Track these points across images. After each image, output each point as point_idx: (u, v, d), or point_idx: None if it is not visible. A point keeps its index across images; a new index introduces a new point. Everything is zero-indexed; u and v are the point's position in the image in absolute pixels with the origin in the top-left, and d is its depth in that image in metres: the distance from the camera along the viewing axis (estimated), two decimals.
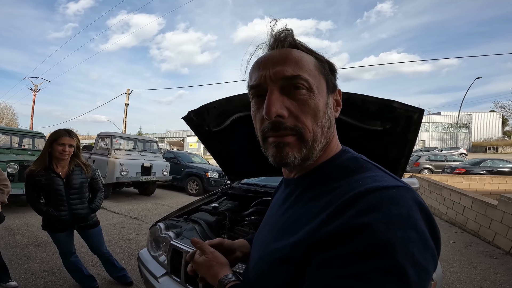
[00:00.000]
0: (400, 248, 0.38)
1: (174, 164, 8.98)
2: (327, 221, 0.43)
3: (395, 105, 1.27)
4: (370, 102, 1.30)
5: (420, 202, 0.43)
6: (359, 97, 1.30)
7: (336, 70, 0.58)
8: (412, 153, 1.70)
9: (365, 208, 0.41)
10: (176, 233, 1.77)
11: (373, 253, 0.38)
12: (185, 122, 1.97)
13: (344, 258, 0.39)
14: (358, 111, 1.36)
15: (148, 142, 8.36)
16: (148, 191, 7.89)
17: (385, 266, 0.37)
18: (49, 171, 2.08)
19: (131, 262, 3.15)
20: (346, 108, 1.34)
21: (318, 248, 0.43)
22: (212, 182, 8.30)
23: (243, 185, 2.87)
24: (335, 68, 0.58)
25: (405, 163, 1.67)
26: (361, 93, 1.33)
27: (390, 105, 1.28)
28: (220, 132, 1.92)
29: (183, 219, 1.97)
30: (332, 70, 0.57)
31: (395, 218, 0.39)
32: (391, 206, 0.41)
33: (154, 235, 1.93)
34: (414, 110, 1.29)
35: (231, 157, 2.31)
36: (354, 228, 0.40)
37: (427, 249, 0.40)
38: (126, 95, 19.40)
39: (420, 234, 0.40)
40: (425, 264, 0.39)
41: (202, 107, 1.77)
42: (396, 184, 0.44)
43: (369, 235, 0.39)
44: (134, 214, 5.52)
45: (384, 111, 1.31)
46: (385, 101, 1.28)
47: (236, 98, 1.60)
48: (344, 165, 0.53)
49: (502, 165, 13.03)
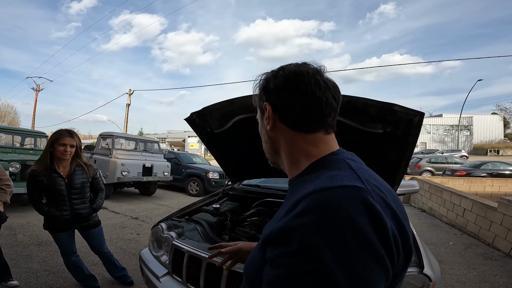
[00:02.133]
0: (330, 252, 0.37)
1: (175, 165, 8.98)
2: (282, 217, 0.45)
3: (395, 108, 1.28)
4: (371, 105, 1.31)
5: (369, 204, 0.41)
6: (360, 100, 1.31)
7: (265, 88, 0.61)
8: (412, 156, 1.71)
9: (302, 209, 0.41)
10: (178, 233, 1.78)
11: (304, 256, 0.38)
12: (187, 123, 1.99)
13: (282, 257, 0.40)
14: (359, 114, 1.38)
15: (150, 142, 8.39)
16: (149, 191, 7.89)
17: (314, 270, 0.37)
18: (51, 171, 2.09)
19: (131, 262, 3.16)
20: (347, 111, 1.37)
21: (268, 243, 0.45)
22: (213, 182, 8.30)
23: (244, 186, 2.88)
24: (263, 86, 0.61)
25: (405, 166, 1.68)
26: (362, 96, 1.34)
27: (391, 109, 1.29)
28: (222, 134, 1.93)
29: (184, 220, 1.99)
30: (264, 90, 0.61)
31: (329, 221, 0.39)
32: (329, 208, 0.40)
33: (156, 235, 1.94)
34: (414, 113, 1.30)
35: (233, 158, 2.32)
36: (289, 229, 0.41)
37: (370, 256, 0.38)
38: (128, 95, 19.46)
39: (359, 239, 0.38)
40: (362, 271, 0.37)
41: (205, 109, 1.79)
42: (346, 184, 0.43)
43: (300, 238, 0.39)
44: (135, 214, 5.53)
45: (385, 114, 1.32)
46: (386, 104, 1.29)
47: (238, 100, 1.61)
48: (319, 164, 0.54)
49: (503, 167, 13.01)
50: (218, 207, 2.17)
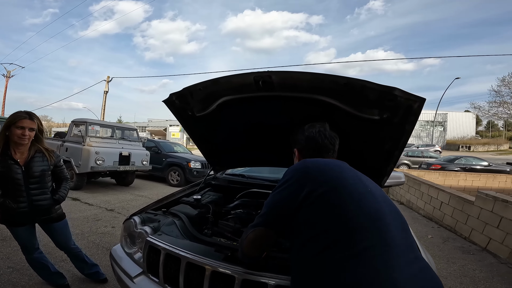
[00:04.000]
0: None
1: (154, 154, 8.69)
2: None
3: (396, 93, 1.18)
4: (369, 89, 1.21)
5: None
6: (359, 83, 1.20)
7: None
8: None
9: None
10: (153, 228, 1.59)
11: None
12: (166, 105, 1.79)
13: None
14: (356, 98, 1.27)
15: (127, 130, 7.99)
16: (126, 181, 7.57)
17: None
18: (6, 157, 1.82)
19: (106, 257, 2.93)
20: (343, 94, 1.27)
21: None
22: (194, 172, 8.09)
23: (228, 176, 2.72)
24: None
25: (398, 156, 1.61)
26: (361, 79, 1.24)
27: (391, 93, 1.19)
28: (204, 117, 1.76)
29: (161, 212, 1.79)
30: (292, 142, 1.31)
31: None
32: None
33: (128, 230, 1.74)
34: (415, 99, 1.20)
35: (216, 145, 2.15)
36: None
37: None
38: (106, 82, 18.56)
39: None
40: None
41: (186, 89, 1.60)
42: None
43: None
44: (110, 206, 5.24)
45: (384, 99, 1.22)
46: (386, 88, 1.19)
47: (224, 80, 1.45)
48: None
49: (475, 162, 13.66)
50: (199, 199, 1.99)
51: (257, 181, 2.44)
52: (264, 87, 1.35)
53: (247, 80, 1.36)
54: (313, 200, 0.87)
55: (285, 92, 1.37)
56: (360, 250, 0.77)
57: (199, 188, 2.36)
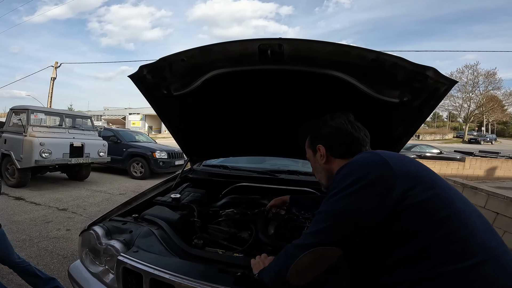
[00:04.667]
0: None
1: (113, 144, 7.92)
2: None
3: (428, 73, 1.05)
4: (400, 67, 1.05)
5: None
6: (390, 60, 1.04)
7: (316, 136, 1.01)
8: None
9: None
10: (124, 243, 1.22)
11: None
12: (134, 82, 1.39)
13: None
14: (380, 76, 1.12)
15: (80, 118, 7.16)
16: (81, 176, 6.76)
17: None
18: None
19: (63, 266, 2.49)
20: (367, 71, 1.10)
21: None
22: (160, 163, 7.52)
23: (207, 168, 2.36)
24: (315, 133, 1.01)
25: (404, 144, 1.54)
26: (393, 54, 1.06)
27: (423, 73, 1.05)
28: (184, 97, 1.40)
29: (132, 219, 1.40)
30: (312, 137, 1.02)
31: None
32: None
33: (88, 245, 1.34)
34: (445, 81, 1.07)
35: (197, 131, 1.79)
36: None
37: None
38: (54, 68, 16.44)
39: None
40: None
41: (163, 60, 1.23)
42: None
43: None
44: (63, 205, 4.59)
45: (412, 80, 1.09)
46: (419, 67, 1.04)
47: (218, 48, 1.13)
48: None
49: (428, 150, 14.83)
50: (178, 197, 1.63)
51: (244, 173, 2.13)
52: (271, 58, 1.07)
53: (250, 49, 1.08)
54: (411, 204, 0.67)
55: (296, 66, 1.13)
56: (479, 260, 0.62)
57: (175, 183, 1.99)
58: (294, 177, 2.02)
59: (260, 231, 1.28)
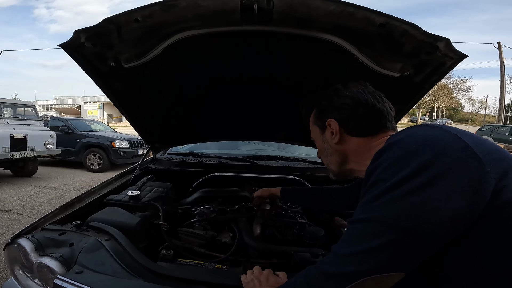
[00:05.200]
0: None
1: (64, 134, 7.16)
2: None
3: (439, 45, 0.88)
4: (410, 36, 0.88)
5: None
6: (401, 27, 0.86)
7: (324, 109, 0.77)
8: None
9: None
10: (61, 261, 0.91)
11: None
12: (67, 52, 1.01)
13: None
14: (386, 46, 0.96)
15: (20, 106, 6.41)
16: (27, 171, 6.03)
17: None
18: None
19: (9, 276, 2.05)
20: (371, 39, 0.95)
21: None
22: (121, 153, 6.92)
23: (173, 156, 2.05)
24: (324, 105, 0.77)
25: (397, 121, 1.38)
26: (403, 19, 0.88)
27: (433, 45, 0.89)
28: (139, 69, 1.08)
29: (73, 227, 1.07)
30: (321, 111, 0.77)
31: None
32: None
33: (14, 262, 1.01)
34: (452, 55, 0.92)
35: (158, 113, 1.48)
36: None
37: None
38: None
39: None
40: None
41: (108, 22, 0.88)
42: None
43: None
44: (7, 206, 4.10)
45: (420, 51, 0.94)
46: (431, 37, 0.87)
47: (185, 3, 0.83)
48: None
49: None
50: (137, 195, 1.32)
51: (217, 160, 1.85)
52: (258, 17, 0.82)
53: (230, 4, 0.83)
54: (509, 199, 0.45)
55: (288, 28, 0.91)
56: None
57: (133, 177, 1.66)
58: (274, 163, 1.80)
59: (244, 232, 1.04)
